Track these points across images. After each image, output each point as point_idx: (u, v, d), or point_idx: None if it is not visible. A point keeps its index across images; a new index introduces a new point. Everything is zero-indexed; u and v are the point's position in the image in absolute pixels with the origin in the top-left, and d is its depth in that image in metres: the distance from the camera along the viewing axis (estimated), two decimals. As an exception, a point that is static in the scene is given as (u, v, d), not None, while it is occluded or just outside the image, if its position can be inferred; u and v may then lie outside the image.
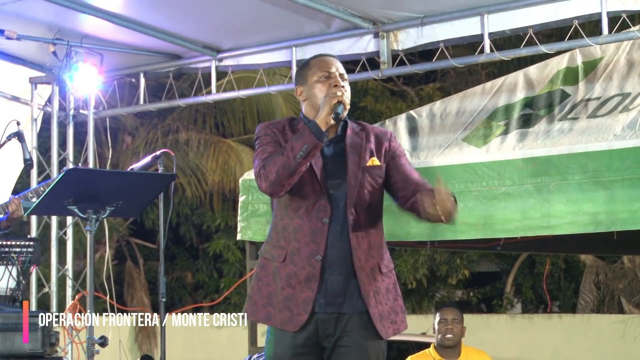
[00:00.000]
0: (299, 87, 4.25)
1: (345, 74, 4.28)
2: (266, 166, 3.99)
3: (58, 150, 8.86)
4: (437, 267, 19.47)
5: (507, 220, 6.58)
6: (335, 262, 4.08)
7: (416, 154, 7.14)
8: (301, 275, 4.04)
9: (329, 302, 4.07)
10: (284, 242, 4.09)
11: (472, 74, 18.27)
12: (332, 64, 4.24)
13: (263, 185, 4.00)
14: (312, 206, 4.07)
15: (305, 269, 4.04)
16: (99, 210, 5.05)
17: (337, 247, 4.08)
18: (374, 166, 4.19)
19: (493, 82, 7.63)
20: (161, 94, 9.14)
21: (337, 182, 4.12)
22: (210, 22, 7.92)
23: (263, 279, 4.12)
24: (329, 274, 4.07)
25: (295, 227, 4.07)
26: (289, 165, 3.96)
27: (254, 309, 4.12)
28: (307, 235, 4.06)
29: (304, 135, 3.97)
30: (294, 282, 4.05)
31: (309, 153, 3.97)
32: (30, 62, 8.71)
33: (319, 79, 4.19)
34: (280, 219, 4.12)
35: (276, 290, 4.07)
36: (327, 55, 4.30)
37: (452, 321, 6.56)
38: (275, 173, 3.96)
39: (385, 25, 7.66)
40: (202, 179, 16.99)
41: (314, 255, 4.04)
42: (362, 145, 4.19)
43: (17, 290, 6.46)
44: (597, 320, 17.75)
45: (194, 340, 17.83)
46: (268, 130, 4.15)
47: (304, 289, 4.04)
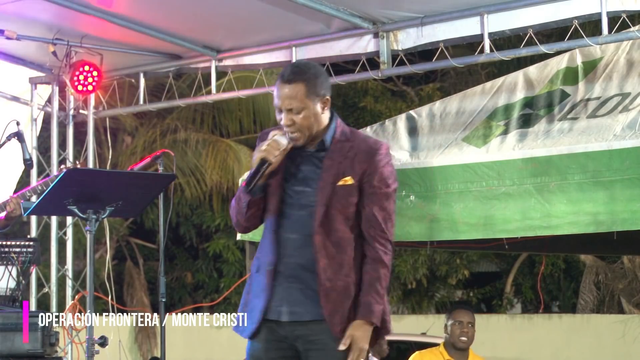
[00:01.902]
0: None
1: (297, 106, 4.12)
2: (230, 207, 4.28)
3: (58, 150, 8.86)
4: (437, 267, 19.47)
5: (508, 221, 6.57)
6: (295, 269, 4.14)
7: (416, 154, 7.14)
8: (261, 285, 4.17)
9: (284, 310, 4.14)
10: (259, 254, 4.23)
11: (471, 74, 18.28)
12: (283, 95, 4.13)
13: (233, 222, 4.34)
14: (275, 217, 4.16)
15: (263, 279, 4.17)
16: (99, 210, 5.05)
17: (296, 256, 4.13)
18: (345, 185, 4.15)
19: (493, 82, 7.62)
20: (161, 94, 9.14)
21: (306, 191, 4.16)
22: (210, 22, 7.92)
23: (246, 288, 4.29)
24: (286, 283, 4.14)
25: (264, 239, 4.21)
26: (242, 214, 4.19)
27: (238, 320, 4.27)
28: (268, 246, 4.18)
29: (242, 191, 4.17)
30: (257, 291, 4.19)
31: (249, 205, 4.15)
32: (30, 62, 8.70)
33: (275, 107, 4.20)
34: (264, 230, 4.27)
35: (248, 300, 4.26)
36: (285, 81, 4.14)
37: (467, 324, 6.56)
38: (235, 217, 4.26)
39: (385, 25, 7.66)
40: (201, 179, 16.99)
41: (267, 265, 4.16)
42: (338, 160, 4.17)
43: (17, 291, 6.46)
44: (597, 321, 17.76)
45: (194, 340, 17.82)
46: (258, 142, 4.22)
47: (259, 298, 4.16)
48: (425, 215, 6.82)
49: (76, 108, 9.04)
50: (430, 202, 6.81)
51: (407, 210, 6.86)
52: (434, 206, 6.80)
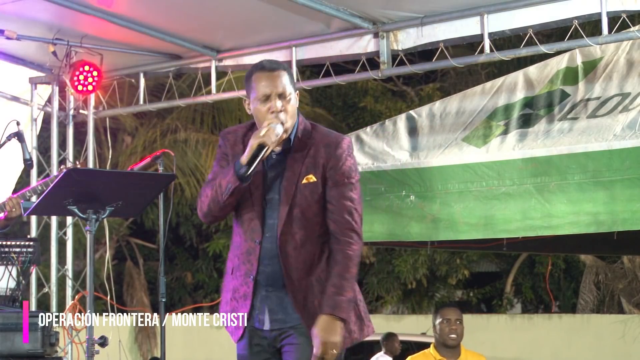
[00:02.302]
0: (246, 101, 4.19)
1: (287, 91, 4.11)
2: (201, 196, 4.11)
3: (58, 150, 8.86)
4: (437, 267, 19.48)
5: (508, 221, 6.58)
6: (268, 280, 4.12)
7: (416, 154, 7.14)
8: (240, 291, 4.17)
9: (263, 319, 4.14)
10: (232, 256, 4.22)
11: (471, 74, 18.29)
12: (272, 81, 4.09)
13: (200, 213, 4.16)
14: (247, 225, 4.13)
15: (242, 287, 4.16)
16: (99, 210, 5.04)
17: (270, 265, 4.11)
18: (308, 183, 4.11)
19: (493, 82, 7.63)
20: (161, 94, 9.14)
21: (274, 198, 4.12)
22: (210, 22, 7.92)
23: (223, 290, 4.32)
24: (265, 290, 4.13)
25: (238, 243, 4.19)
26: (218, 202, 4.06)
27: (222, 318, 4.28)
28: (244, 254, 4.14)
29: (228, 175, 4.02)
30: (237, 296, 4.19)
31: (232, 192, 4.03)
32: (30, 62, 8.70)
33: (258, 99, 4.11)
34: (235, 236, 4.23)
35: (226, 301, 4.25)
36: (268, 70, 4.12)
37: (455, 321, 6.56)
38: (207, 206, 4.09)
39: (385, 25, 7.66)
40: (201, 179, 17.00)
41: (249, 275, 4.13)
42: (301, 159, 4.13)
43: (17, 291, 6.46)
44: (597, 320, 17.77)
45: (194, 340, 17.82)
46: (221, 141, 4.19)
47: (242, 305, 4.16)
48: (426, 215, 6.82)
49: (76, 108, 9.04)
50: (431, 202, 6.81)
51: (407, 210, 6.87)
52: (434, 206, 6.80)
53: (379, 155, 7.20)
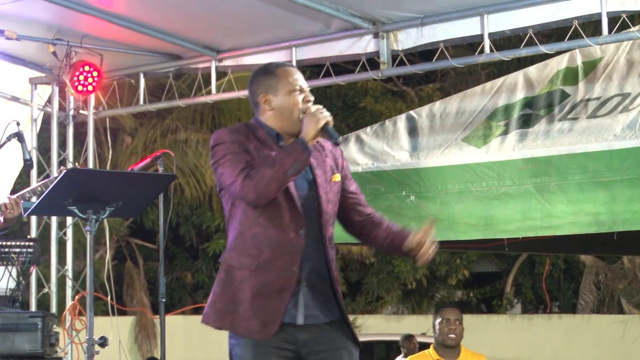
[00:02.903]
0: (267, 96, 4.18)
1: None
2: (253, 177, 3.97)
3: (58, 150, 8.86)
4: (437, 268, 19.47)
5: (509, 221, 6.58)
6: (312, 273, 4.09)
7: (416, 154, 7.14)
8: (275, 285, 4.03)
9: (303, 314, 4.08)
10: (254, 251, 4.05)
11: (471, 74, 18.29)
12: (301, 77, 4.21)
13: (250, 195, 3.97)
14: (287, 217, 4.06)
15: (279, 280, 4.03)
16: (99, 210, 5.05)
17: (312, 259, 4.10)
18: (336, 182, 4.22)
19: (493, 82, 7.63)
20: (161, 94, 9.14)
21: (307, 195, 4.13)
22: (210, 22, 7.92)
23: (228, 286, 4.08)
24: (303, 285, 4.08)
25: (270, 237, 4.05)
26: (279, 180, 3.97)
27: (218, 316, 4.09)
28: (283, 247, 4.05)
29: (295, 152, 3.98)
30: (266, 291, 4.03)
31: (299, 170, 4.00)
32: (30, 63, 8.70)
33: (292, 91, 4.16)
34: (248, 227, 4.07)
35: (243, 299, 4.04)
36: (292, 66, 4.28)
37: (454, 321, 6.57)
38: (264, 186, 3.96)
39: (385, 25, 7.66)
40: (201, 179, 17.00)
41: (290, 267, 4.04)
42: (323, 159, 4.21)
43: (17, 291, 6.46)
44: (597, 321, 17.78)
45: (194, 340, 17.81)
46: (233, 137, 4.10)
47: (276, 299, 4.03)
48: (426, 216, 6.82)
49: (76, 108, 9.04)
50: (430, 202, 6.81)
51: (407, 210, 6.87)
52: (434, 206, 6.80)
53: (379, 155, 7.20)
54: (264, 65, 4.28)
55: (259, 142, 4.11)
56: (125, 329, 17.20)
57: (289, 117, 4.14)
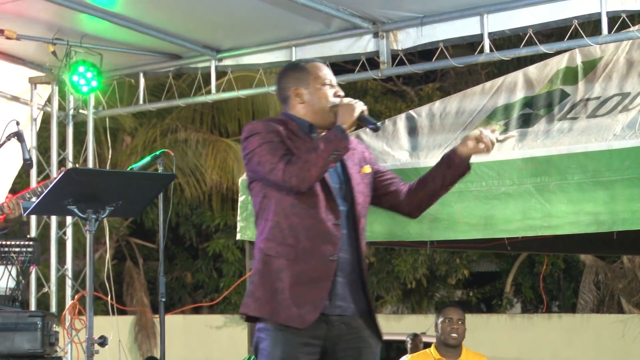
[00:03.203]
0: (298, 89, 4.25)
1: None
2: (295, 162, 4.01)
3: (57, 150, 8.86)
4: (437, 267, 19.48)
5: (508, 220, 6.57)
6: (344, 264, 4.12)
7: (416, 153, 7.13)
8: (314, 274, 4.05)
9: (337, 304, 4.09)
10: (292, 241, 4.07)
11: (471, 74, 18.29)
12: (331, 72, 4.32)
13: (293, 180, 4.00)
14: (324, 207, 4.09)
15: (318, 269, 4.05)
16: (99, 210, 5.05)
17: (346, 250, 4.12)
18: (366, 174, 4.29)
19: (492, 82, 7.62)
20: (160, 94, 9.14)
21: (340, 186, 4.18)
22: (209, 22, 7.92)
23: (267, 275, 4.08)
24: (338, 275, 4.10)
25: (307, 226, 4.07)
26: (320, 166, 4.01)
27: (258, 305, 4.08)
28: (321, 236, 4.07)
29: (336, 140, 4.04)
30: (305, 280, 4.04)
31: (338, 157, 4.07)
32: (30, 62, 8.70)
33: (322, 84, 4.25)
34: (284, 217, 4.09)
35: (282, 288, 4.04)
36: (320, 62, 4.36)
37: (457, 321, 6.57)
38: (307, 171, 4.00)
39: (384, 25, 7.66)
40: (200, 179, 16.99)
41: (328, 256, 4.06)
42: (352, 152, 4.26)
43: (16, 290, 6.46)
44: (596, 320, 17.77)
45: (194, 340, 17.83)
46: (270, 127, 4.14)
47: (315, 288, 4.04)
48: (425, 215, 6.76)
49: (76, 108, 9.04)
50: (430, 202, 6.79)
51: (407, 209, 6.85)
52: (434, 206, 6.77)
53: (378, 155, 7.20)
54: (293, 62, 4.45)
55: (292, 133, 4.17)
56: (125, 329, 17.20)
57: (320, 110, 4.22)
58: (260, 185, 4.15)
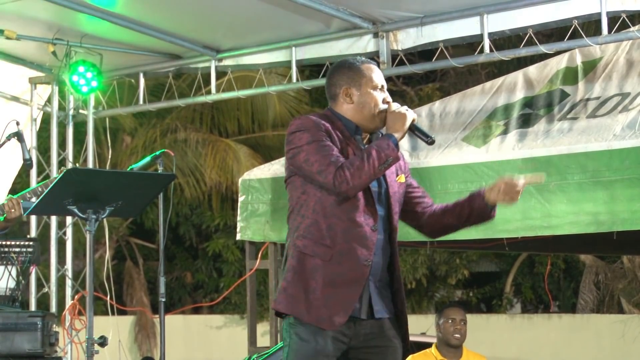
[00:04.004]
0: (349, 89, 4.24)
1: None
2: (347, 169, 4.00)
3: (57, 150, 8.86)
4: (437, 267, 19.46)
5: (508, 220, 6.57)
6: (378, 269, 4.14)
7: (416, 153, 7.14)
8: (347, 276, 4.05)
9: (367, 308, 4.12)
10: (329, 241, 4.07)
11: (471, 74, 18.27)
12: (382, 76, 4.33)
13: (344, 186, 4.00)
14: (362, 211, 4.10)
15: (352, 272, 4.06)
16: (99, 210, 5.04)
17: (380, 254, 4.15)
18: (401, 183, 4.30)
19: (492, 82, 7.63)
20: (160, 94, 9.15)
21: (380, 191, 4.19)
22: (209, 22, 7.92)
23: (301, 273, 4.08)
24: (371, 280, 4.12)
25: (345, 228, 4.07)
26: (371, 174, 4.03)
27: (291, 302, 4.07)
28: (358, 239, 4.08)
29: (388, 148, 4.06)
30: (338, 282, 4.05)
31: (389, 166, 4.09)
32: (30, 62, 8.71)
33: (374, 88, 4.26)
34: (323, 217, 4.08)
35: (314, 288, 4.05)
36: (374, 64, 4.36)
37: (459, 321, 6.57)
38: (359, 178, 4.00)
39: (384, 25, 7.66)
40: (200, 179, 16.99)
41: (363, 260, 4.07)
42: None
43: (16, 290, 6.47)
44: (596, 320, 17.75)
45: (194, 340, 17.82)
46: (320, 125, 4.12)
47: (347, 290, 4.05)
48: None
49: (76, 108, 9.05)
50: (430, 202, 6.79)
51: (407, 210, 6.85)
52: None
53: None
54: (347, 59, 4.36)
55: (339, 133, 4.16)
56: (124, 329, 17.20)
57: (368, 114, 4.22)
58: (301, 181, 4.13)
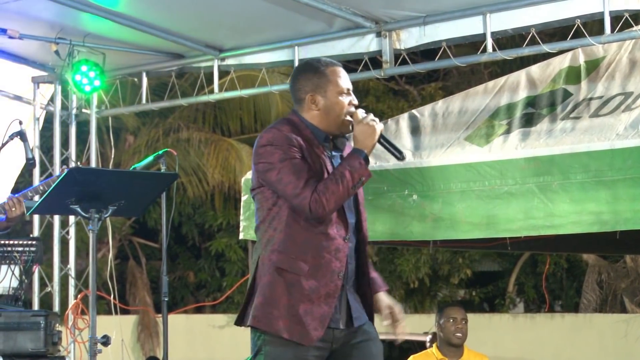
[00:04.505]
0: (315, 96, 4.17)
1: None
2: (322, 192, 3.97)
3: (60, 149, 8.87)
4: (439, 267, 19.46)
5: (511, 220, 6.57)
6: (351, 275, 4.14)
7: (418, 153, 7.13)
8: (322, 291, 4.04)
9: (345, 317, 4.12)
10: (305, 257, 4.04)
11: (474, 73, 18.26)
12: (348, 78, 4.24)
13: (320, 211, 3.98)
14: (335, 222, 4.09)
15: (327, 286, 4.05)
16: (102, 209, 5.05)
17: (351, 263, 4.14)
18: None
19: (495, 81, 7.62)
20: (163, 93, 9.14)
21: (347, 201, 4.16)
22: (212, 21, 7.92)
23: (277, 289, 4.04)
24: (345, 290, 4.12)
25: (320, 242, 4.05)
26: (345, 196, 4.03)
27: (269, 320, 4.03)
28: (332, 252, 4.06)
29: (361, 168, 4.03)
30: (314, 297, 4.03)
31: (361, 185, 4.07)
32: (33, 62, 8.71)
33: (340, 93, 4.19)
34: (297, 232, 4.06)
35: (291, 303, 4.02)
36: (340, 66, 4.27)
37: (461, 320, 6.57)
38: (334, 202, 4.00)
39: (387, 24, 7.66)
40: (203, 178, 17.01)
41: (337, 273, 4.06)
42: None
43: (19, 290, 6.47)
44: (599, 320, 17.74)
45: (196, 339, 17.83)
46: (292, 141, 4.06)
47: (322, 304, 4.03)
48: (428, 215, 6.82)
49: (79, 107, 9.05)
50: (433, 201, 6.80)
51: (410, 209, 6.86)
52: (436, 205, 6.79)
53: (381, 154, 7.19)
54: (311, 61, 4.28)
55: (308, 143, 4.11)
56: (127, 328, 17.22)
57: (335, 119, 4.17)
58: (272, 192, 4.11)
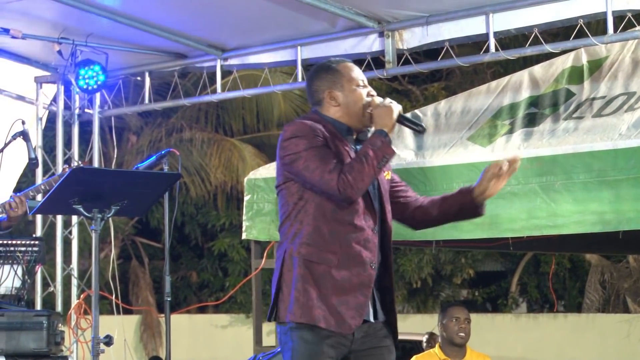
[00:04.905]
0: (332, 92, 4.21)
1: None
2: (348, 174, 3.98)
3: (63, 149, 8.87)
4: (442, 267, 19.45)
5: (513, 220, 6.57)
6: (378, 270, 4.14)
7: (421, 153, 7.13)
8: (355, 280, 4.05)
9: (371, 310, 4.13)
10: (334, 247, 4.05)
11: (477, 73, 18.24)
12: (361, 72, 4.31)
13: (349, 191, 3.98)
14: (362, 213, 4.10)
15: (360, 276, 4.06)
16: (104, 209, 5.05)
17: (379, 256, 4.15)
18: (388, 179, 4.29)
19: (498, 81, 7.62)
20: (166, 93, 9.14)
21: (372, 192, 4.17)
22: (215, 21, 7.93)
23: (309, 281, 4.05)
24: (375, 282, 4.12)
25: (348, 233, 4.06)
26: (372, 175, 4.03)
27: (305, 311, 4.03)
28: (361, 243, 4.08)
29: (383, 146, 4.04)
30: (348, 286, 4.04)
31: (387, 163, 4.09)
32: (36, 61, 8.72)
33: (357, 85, 4.25)
34: (325, 222, 4.07)
35: (324, 294, 4.03)
36: (350, 62, 4.35)
37: (464, 320, 6.56)
38: (362, 181, 4.00)
39: (390, 24, 7.66)
40: (205, 178, 17.01)
41: (369, 263, 4.08)
42: None
43: (22, 290, 6.47)
44: (602, 320, 17.74)
45: (199, 339, 17.83)
46: (316, 130, 4.09)
47: (357, 294, 4.05)
48: (431, 215, 6.80)
49: (81, 107, 9.05)
50: (435, 201, 6.79)
51: (412, 209, 6.85)
52: (439, 205, 6.78)
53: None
54: (322, 63, 4.34)
55: (330, 133, 4.14)
56: (130, 328, 17.22)
57: (356, 112, 4.21)
58: (298, 186, 4.10)
